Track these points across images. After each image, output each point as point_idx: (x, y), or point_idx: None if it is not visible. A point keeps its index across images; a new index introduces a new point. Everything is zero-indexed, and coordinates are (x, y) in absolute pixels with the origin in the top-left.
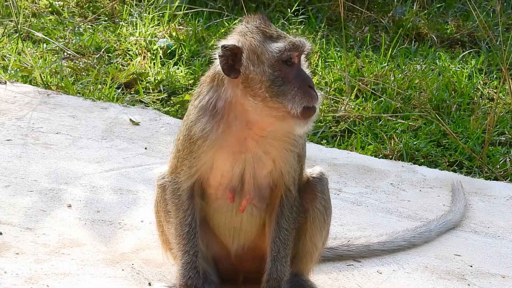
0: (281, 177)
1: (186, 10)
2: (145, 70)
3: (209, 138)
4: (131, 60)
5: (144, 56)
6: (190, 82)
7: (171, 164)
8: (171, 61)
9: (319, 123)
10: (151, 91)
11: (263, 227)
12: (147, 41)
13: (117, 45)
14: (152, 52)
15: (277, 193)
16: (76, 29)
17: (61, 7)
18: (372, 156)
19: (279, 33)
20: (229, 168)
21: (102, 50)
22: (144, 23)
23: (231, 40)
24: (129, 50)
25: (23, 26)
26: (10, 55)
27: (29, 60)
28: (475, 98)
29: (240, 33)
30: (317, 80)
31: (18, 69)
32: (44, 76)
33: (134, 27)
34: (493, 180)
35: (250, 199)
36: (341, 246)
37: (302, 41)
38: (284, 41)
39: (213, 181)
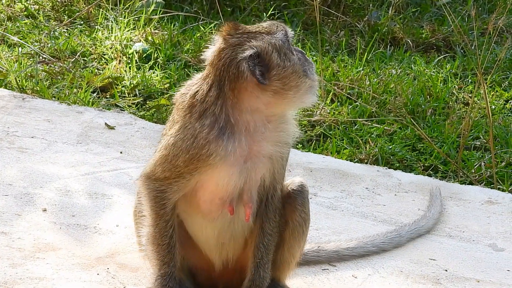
0: (274, 177)
1: (161, 14)
2: (120, 74)
3: (228, 155)
4: (107, 64)
5: (120, 60)
6: (166, 86)
7: (155, 172)
8: (146, 65)
9: None
10: (126, 95)
11: (249, 234)
12: (123, 45)
13: (92, 49)
14: (127, 56)
15: (263, 195)
16: (52, 33)
17: (37, 11)
18: (347, 160)
19: (264, 26)
20: (232, 181)
21: (78, 54)
22: (119, 27)
23: (247, 50)
24: (104, 54)
25: None
26: None
27: (4, 64)
28: (450, 103)
29: (242, 43)
30: None
31: None
32: (19, 80)
33: (110, 31)
34: (468, 184)
35: (253, 206)
36: (311, 251)
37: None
38: (279, 27)
39: (209, 194)
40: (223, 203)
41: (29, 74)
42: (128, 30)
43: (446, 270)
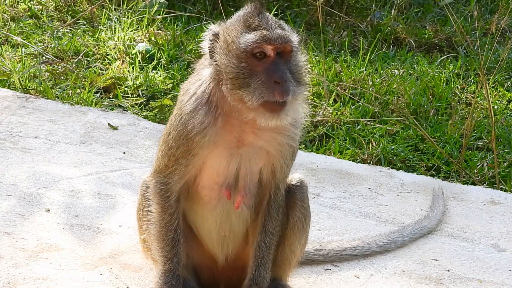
0: (273, 173)
1: (165, 14)
2: (123, 75)
3: (208, 133)
4: (110, 65)
5: (123, 61)
6: (169, 86)
7: (159, 163)
8: (150, 65)
9: None
10: (129, 95)
11: (248, 231)
12: (126, 46)
13: (95, 49)
14: (131, 56)
15: (265, 192)
16: (55, 33)
17: (40, 11)
18: (350, 160)
19: (261, 23)
20: (225, 164)
21: (81, 54)
22: (123, 27)
23: (220, 26)
24: (107, 55)
25: (2, 30)
26: None
27: (8, 64)
28: (453, 103)
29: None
30: None
31: None
32: (22, 80)
33: (113, 32)
34: (470, 184)
35: (245, 195)
36: (313, 250)
37: (277, 35)
38: (257, 33)
39: (207, 180)
40: (219, 188)
41: (33, 75)
42: (131, 31)
43: (449, 271)
